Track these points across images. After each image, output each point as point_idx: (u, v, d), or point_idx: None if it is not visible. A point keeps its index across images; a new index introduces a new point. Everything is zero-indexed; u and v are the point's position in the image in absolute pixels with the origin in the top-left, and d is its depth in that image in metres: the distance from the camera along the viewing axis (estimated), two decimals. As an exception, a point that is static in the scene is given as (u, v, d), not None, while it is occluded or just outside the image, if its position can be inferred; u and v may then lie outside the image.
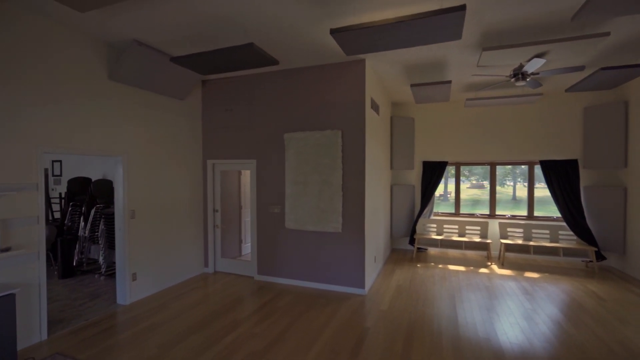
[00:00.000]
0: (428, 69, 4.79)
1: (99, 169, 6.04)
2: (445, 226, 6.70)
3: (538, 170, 6.51)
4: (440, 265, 5.95)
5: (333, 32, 2.98)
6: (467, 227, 6.54)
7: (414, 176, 7.15)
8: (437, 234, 6.69)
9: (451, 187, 7.46)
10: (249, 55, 3.55)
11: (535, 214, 6.60)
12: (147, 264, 4.37)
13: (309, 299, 4.32)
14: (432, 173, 6.86)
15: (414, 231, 6.83)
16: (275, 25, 3.44)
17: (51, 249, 5.27)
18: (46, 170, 6.48)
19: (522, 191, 6.55)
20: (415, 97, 5.39)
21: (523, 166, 6.81)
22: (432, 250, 7.05)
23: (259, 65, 3.86)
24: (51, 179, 6.42)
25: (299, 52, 4.15)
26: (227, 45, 3.79)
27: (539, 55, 3.80)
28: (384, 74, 5.02)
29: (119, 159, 4.05)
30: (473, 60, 4.40)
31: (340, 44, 3.23)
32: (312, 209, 4.66)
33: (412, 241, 6.85)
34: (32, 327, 3.15)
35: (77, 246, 5.33)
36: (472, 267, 5.82)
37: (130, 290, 4.14)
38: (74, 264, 5.29)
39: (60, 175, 6.30)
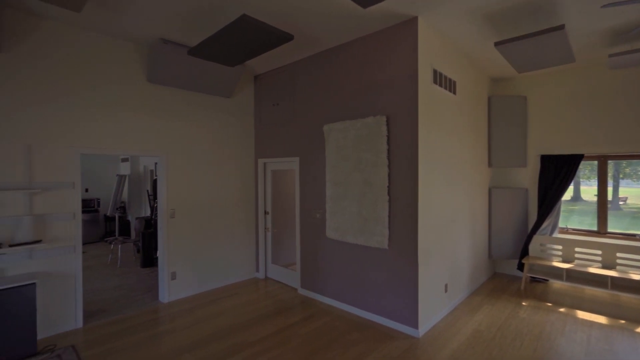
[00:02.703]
0: (525, 15, 3.19)
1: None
2: (577, 249, 4.56)
3: None
4: (562, 309, 4.00)
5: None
6: (618, 255, 4.25)
7: (528, 176, 5.17)
8: (564, 261, 4.61)
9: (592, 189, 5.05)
10: (251, 32, 2.99)
11: None
12: (187, 264, 4.37)
13: (341, 329, 3.44)
14: (557, 171, 4.79)
15: (525, 253, 4.92)
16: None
17: (139, 240, 6.02)
18: (152, 171, 7.59)
19: None
20: (513, 62, 3.74)
21: None
22: (557, 284, 4.92)
23: (272, 44, 3.25)
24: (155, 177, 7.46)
25: (318, 18, 3.34)
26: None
27: None
28: (457, 35, 3.65)
29: (159, 158, 4.15)
30: (604, -18, 2.64)
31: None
32: (354, 216, 3.75)
33: (522, 266, 4.95)
34: (68, 314, 3.42)
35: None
36: (623, 321, 3.68)
37: (169, 288, 4.19)
38: (156, 255, 5.89)
39: (160, 176, 7.24)
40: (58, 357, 2.90)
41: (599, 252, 4.39)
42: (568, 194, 5.51)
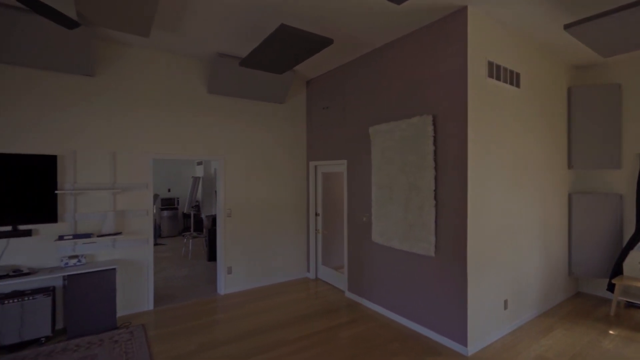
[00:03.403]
0: (605, -11, 2.69)
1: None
2: (693, 272, 3.64)
3: None
4: (665, 344, 3.25)
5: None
6: None
7: (622, 179, 4.31)
8: (672, 284, 3.73)
9: None
10: (291, 40, 3.10)
11: None
12: (242, 260, 4.68)
13: (383, 337, 3.33)
14: (663, 174, 3.90)
15: (618, 271, 4.11)
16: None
17: (206, 236, 6.65)
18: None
19: None
20: (594, 46, 3.18)
21: None
22: (663, 311, 4.00)
23: (314, 49, 3.33)
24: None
25: (357, 19, 3.29)
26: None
27: None
28: (519, 21, 3.24)
29: (218, 162, 4.55)
30: None
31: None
32: (399, 221, 3.59)
33: (613, 287, 4.15)
34: (142, 297, 3.96)
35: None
36: None
37: (225, 282, 4.55)
38: (221, 250, 6.44)
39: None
40: (131, 334, 3.38)
41: None
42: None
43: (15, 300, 3.09)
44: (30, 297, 3.15)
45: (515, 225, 3.56)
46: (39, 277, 3.13)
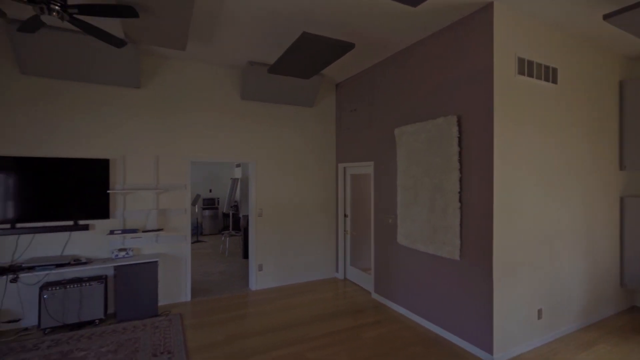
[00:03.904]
0: (650, -27, 2.46)
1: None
2: None
3: None
4: None
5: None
6: None
7: (686, 182, 3.85)
8: None
9: None
10: (313, 46, 3.22)
11: None
12: (272, 258, 4.88)
13: (405, 340, 3.30)
14: None
15: (679, 284, 3.68)
16: None
17: (242, 234, 6.99)
18: (256, 175, 8.68)
19: None
20: (642, 34, 2.90)
21: None
22: None
23: (336, 54, 3.44)
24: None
25: (377, 22, 3.30)
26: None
27: None
28: (554, 13, 3.05)
29: (250, 164, 4.80)
30: None
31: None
32: (423, 224, 3.55)
33: (673, 302, 3.71)
34: (180, 289, 4.30)
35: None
36: None
37: (256, 278, 4.77)
38: (255, 248, 6.74)
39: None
40: (169, 321, 3.71)
41: None
42: None
43: (76, 286, 3.54)
44: (87, 284, 3.59)
45: (553, 230, 3.34)
46: (94, 267, 3.56)
